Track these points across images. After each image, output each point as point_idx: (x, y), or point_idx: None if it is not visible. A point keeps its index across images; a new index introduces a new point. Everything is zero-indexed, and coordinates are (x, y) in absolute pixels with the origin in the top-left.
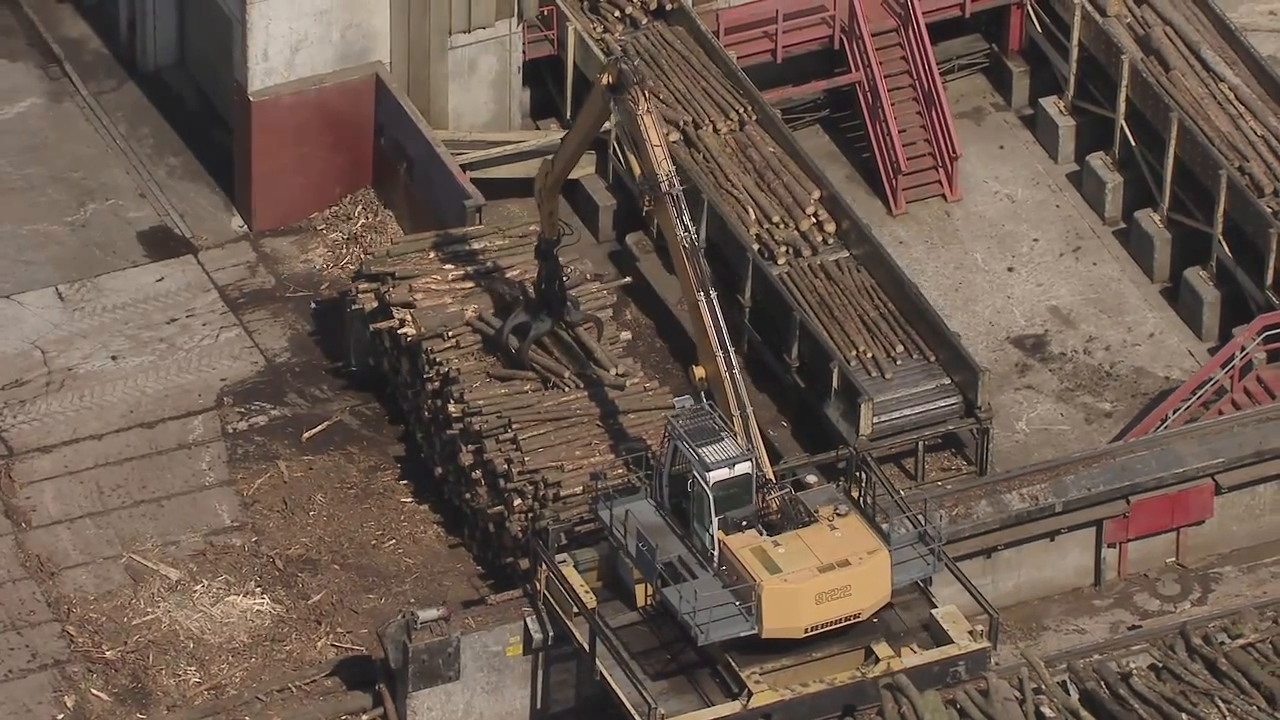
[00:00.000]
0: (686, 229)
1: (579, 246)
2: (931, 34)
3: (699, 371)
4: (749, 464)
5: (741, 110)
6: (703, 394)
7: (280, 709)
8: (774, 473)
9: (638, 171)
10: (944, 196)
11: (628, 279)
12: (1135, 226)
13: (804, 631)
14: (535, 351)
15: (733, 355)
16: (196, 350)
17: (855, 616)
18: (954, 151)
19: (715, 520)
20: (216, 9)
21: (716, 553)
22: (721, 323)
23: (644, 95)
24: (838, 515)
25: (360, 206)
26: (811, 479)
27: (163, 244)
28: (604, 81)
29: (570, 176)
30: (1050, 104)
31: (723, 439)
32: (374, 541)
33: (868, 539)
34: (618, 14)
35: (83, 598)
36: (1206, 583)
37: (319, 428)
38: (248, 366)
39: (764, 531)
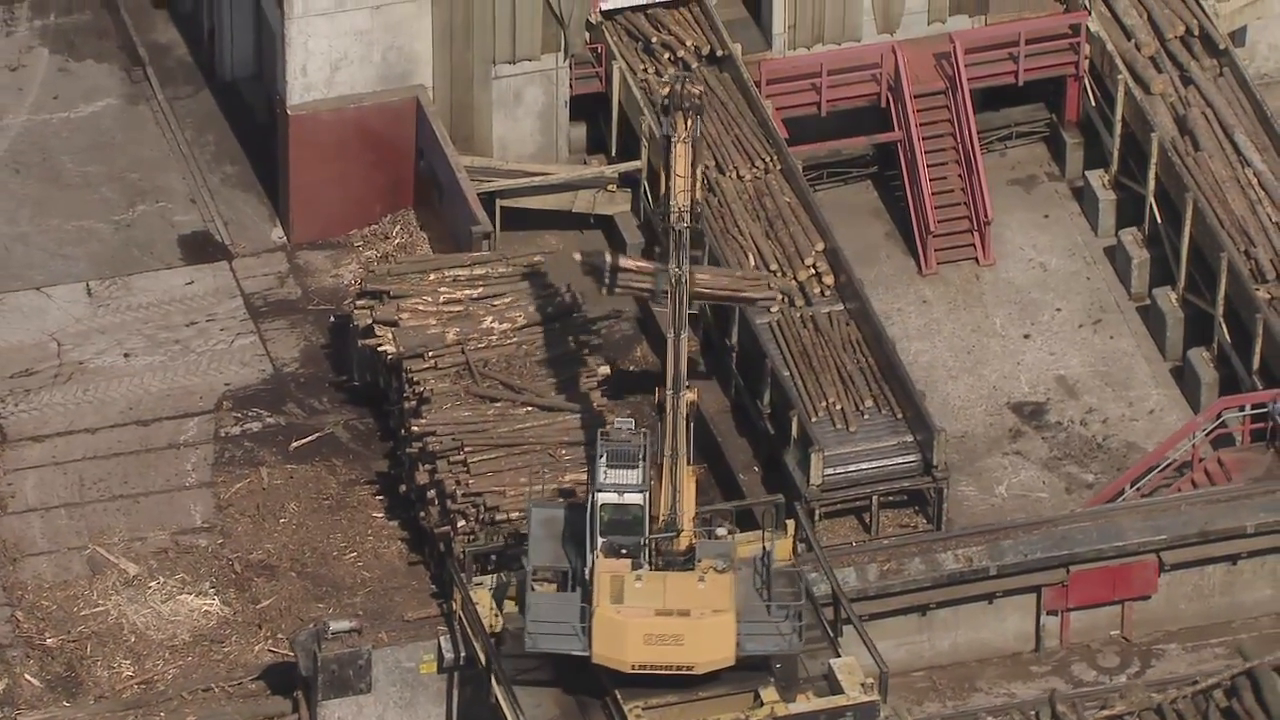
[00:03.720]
0: (679, 266)
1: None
2: (996, 101)
3: (660, 394)
4: (640, 497)
5: (767, 159)
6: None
7: (198, 708)
8: (691, 518)
9: (663, 190)
10: (976, 260)
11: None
12: (1154, 303)
13: (631, 667)
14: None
15: (683, 400)
16: (208, 354)
17: (689, 668)
18: (986, 216)
19: (591, 539)
20: None
21: (589, 571)
22: (683, 366)
23: (685, 123)
24: (714, 571)
25: (399, 226)
26: (721, 531)
27: (201, 249)
28: (663, 91)
29: (605, 212)
30: (1095, 177)
31: (635, 468)
32: (336, 553)
33: (722, 600)
34: (669, 56)
35: (38, 585)
36: (1147, 658)
37: (308, 438)
38: (255, 373)
39: (642, 565)
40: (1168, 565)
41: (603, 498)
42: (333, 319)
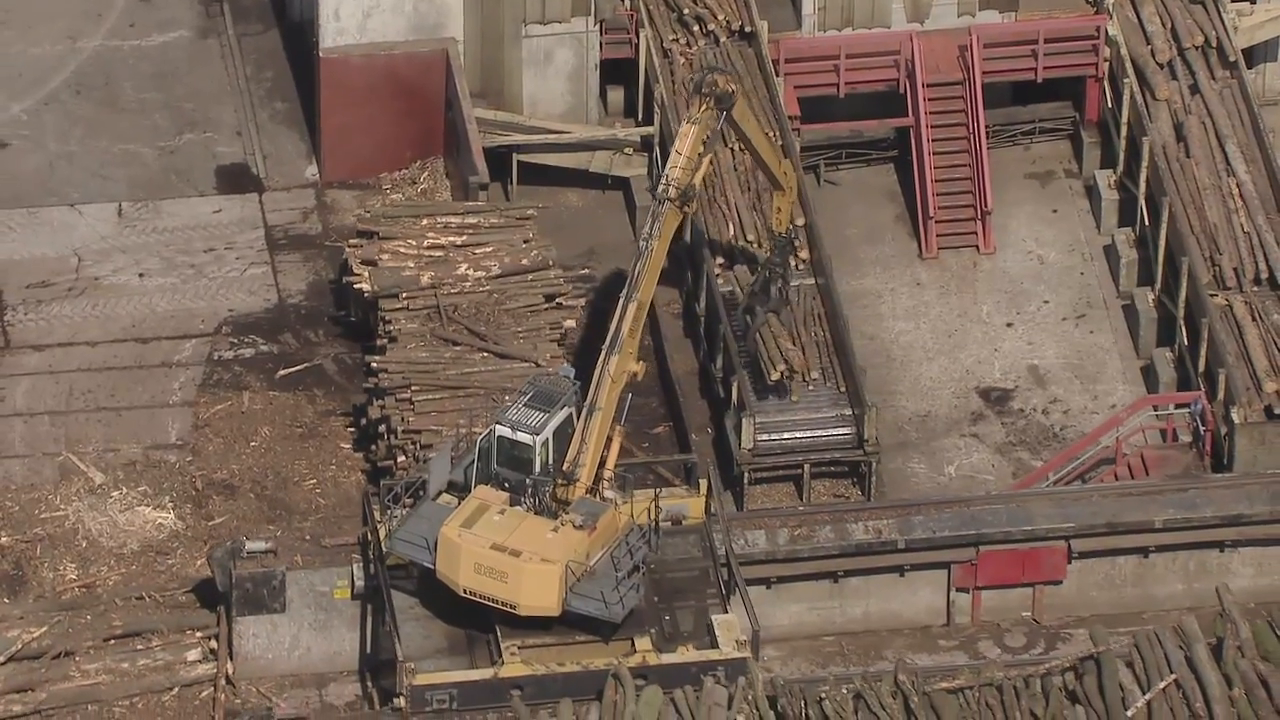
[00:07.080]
0: (648, 236)
1: (612, 244)
2: (1024, 96)
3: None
4: (530, 438)
5: (770, 135)
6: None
7: (125, 614)
8: (597, 475)
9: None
10: (977, 248)
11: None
12: (1133, 302)
13: (463, 591)
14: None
15: (612, 359)
16: (220, 280)
17: (512, 606)
18: (987, 206)
19: (479, 464)
20: None
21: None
22: (623, 327)
23: (699, 105)
24: (573, 525)
25: (427, 173)
26: (609, 494)
27: (236, 180)
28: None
29: (621, 174)
30: (1103, 176)
31: (548, 412)
32: (297, 479)
33: (556, 552)
34: (699, 28)
35: (6, 486)
36: (1054, 640)
37: (296, 367)
38: (260, 302)
39: (515, 502)
40: (1076, 553)
41: (499, 430)
42: (345, 256)
